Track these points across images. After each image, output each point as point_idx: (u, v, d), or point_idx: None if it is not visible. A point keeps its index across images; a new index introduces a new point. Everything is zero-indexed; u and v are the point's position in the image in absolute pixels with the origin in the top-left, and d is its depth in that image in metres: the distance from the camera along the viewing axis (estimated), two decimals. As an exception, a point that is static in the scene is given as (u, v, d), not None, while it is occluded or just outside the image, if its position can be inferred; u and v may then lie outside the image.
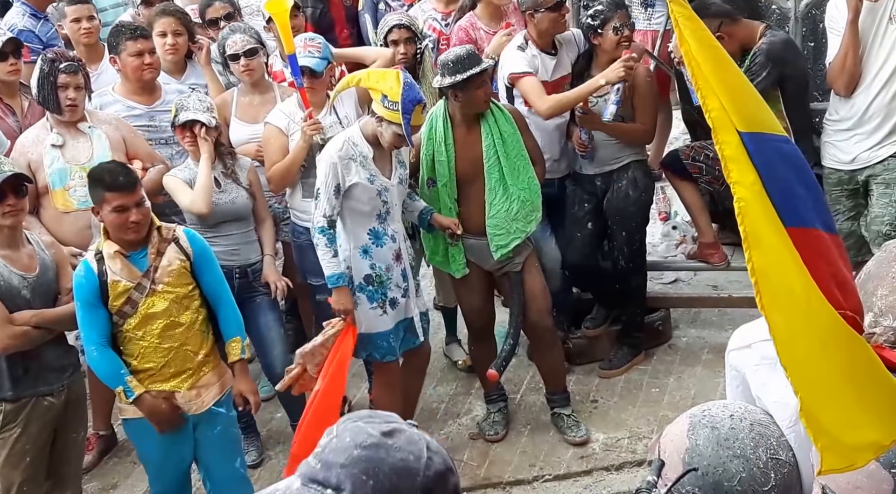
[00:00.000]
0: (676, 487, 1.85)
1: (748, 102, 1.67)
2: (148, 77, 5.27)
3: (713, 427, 1.88)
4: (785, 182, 1.64)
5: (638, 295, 5.73)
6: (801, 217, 1.64)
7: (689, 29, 1.68)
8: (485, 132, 4.95)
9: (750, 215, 1.64)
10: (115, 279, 4.05)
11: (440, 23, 6.04)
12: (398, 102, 4.45)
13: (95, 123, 4.97)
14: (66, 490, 4.45)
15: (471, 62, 4.78)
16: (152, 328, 4.12)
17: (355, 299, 4.71)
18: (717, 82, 1.65)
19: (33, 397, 4.19)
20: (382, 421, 1.72)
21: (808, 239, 1.64)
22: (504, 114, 4.99)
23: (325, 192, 4.58)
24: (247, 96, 5.39)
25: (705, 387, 5.43)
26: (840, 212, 5.27)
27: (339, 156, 4.58)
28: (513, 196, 4.95)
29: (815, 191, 1.70)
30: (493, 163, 4.95)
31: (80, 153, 4.90)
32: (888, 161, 5.08)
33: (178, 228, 4.29)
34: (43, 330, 4.17)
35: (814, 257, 1.64)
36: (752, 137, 1.64)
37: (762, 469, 1.85)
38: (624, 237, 5.54)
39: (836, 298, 1.64)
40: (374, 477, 1.66)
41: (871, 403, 1.67)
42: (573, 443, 5.20)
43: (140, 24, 5.72)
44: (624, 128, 5.35)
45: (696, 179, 5.60)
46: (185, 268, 4.18)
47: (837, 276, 1.66)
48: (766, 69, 5.08)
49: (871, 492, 1.76)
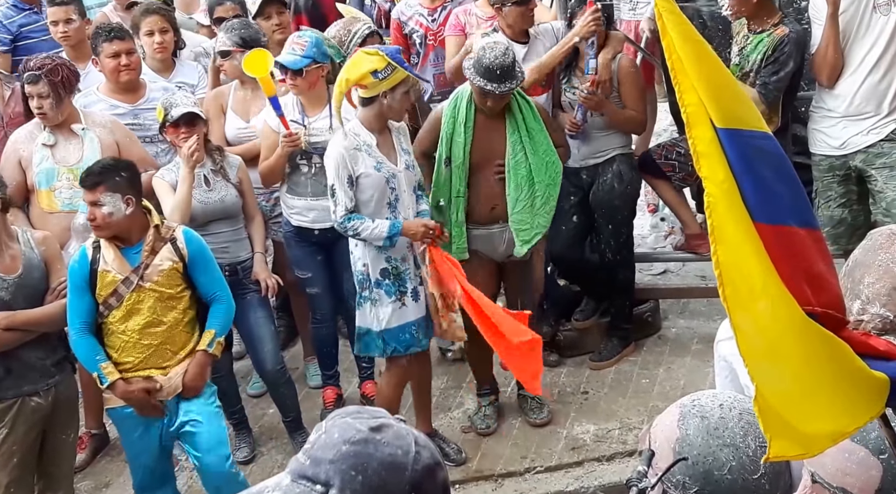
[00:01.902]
0: (667, 476, 1.85)
1: (729, 98, 1.68)
2: (125, 78, 5.23)
3: (703, 416, 1.89)
4: (758, 179, 1.65)
5: (626, 287, 5.74)
6: (772, 214, 1.65)
7: (672, 23, 1.68)
8: (510, 127, 4.92)
9: (718, 210, 1.65)
10: (106, 269, 4.14)
11: (426, 18, 6.03)
12: (389, 62, 4.44)
13: (90, 125, 4.94)
14: (58, 490, 4.43)
15: (509, 76, 4.72)
16: (134, 323, 4.18)
17: (373, 295, 4.68)
18: (697, 77, 1.66)
19: (18, 397, 4.17)
20: (370, 417, 1.73)
21: (778, 236, 1.65)
22: (532, 109, 4.95)
23: (341, 186, 4.54)
24: (241, 91, 5.42)
25: (695, 377, 5.45)
26: (832, 198, 5.30)
27: (345, 146, 4.56)
28: (538, 192, 4.94)
29: (794, 187, 1.70)
30: (521, 159, 4.92)
31: (69, 154, 4.88)
32: (881, 145, 5.10)
33: (179, 229, 4.31)
34: (17, 333, 4.14)
35: (783, 254, 1.65)
36: (728, 133, 1.65)
37: (752, 458, 1.85)
38: (610, 230, 5.55)
39: (805, 295, 1.64)
40: (362, 473, 1.66)
41: (833, 396, 1.68)
42: (533, 425, 5.26)
43: (120, 16, 5.70)
44: (622, 113, 5.37)
45: (669, 177, 5.64)
46: (177, 270, 4.22)
47: (811, 272, 1.66)
48: (793, 59, 5.07)
49: (860, 479, 1.77)
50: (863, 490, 1.77)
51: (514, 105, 4.92)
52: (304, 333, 5.80)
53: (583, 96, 5.24)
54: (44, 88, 4.78)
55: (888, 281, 2.05)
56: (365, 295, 4.71)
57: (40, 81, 4.78)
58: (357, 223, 4.54)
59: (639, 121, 5.50)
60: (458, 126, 4.93)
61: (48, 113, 4.82)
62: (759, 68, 5.11)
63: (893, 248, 2.09)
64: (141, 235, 4.21)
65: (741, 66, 5.16)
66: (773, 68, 5.07)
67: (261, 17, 5.71)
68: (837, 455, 1.79)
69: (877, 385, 1.67)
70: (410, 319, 4.73)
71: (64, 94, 4.83)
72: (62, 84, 4.81)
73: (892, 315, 2.05)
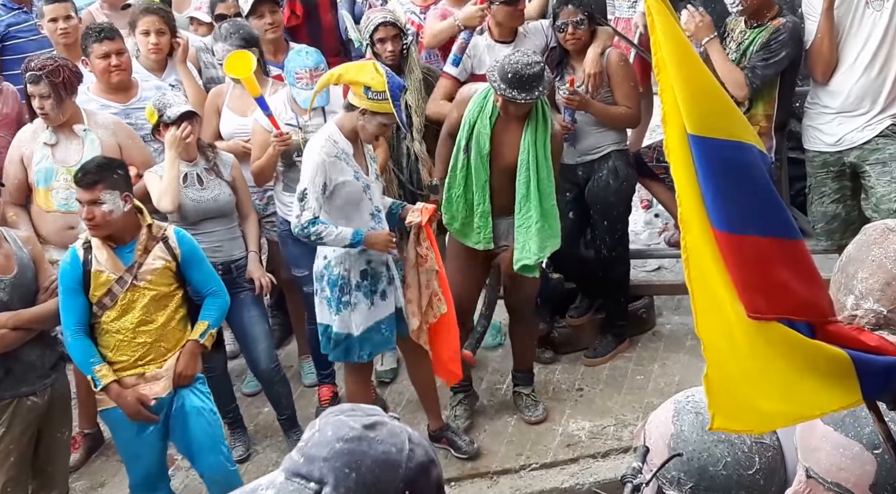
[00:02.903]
0: (661, 473, 1.85)
1: (704, 105, 1.69)
2: (116, 79, 5.22)
3: (697, 412, 1.89)
4: (717, 188, 1.67)
5: (621, 283, 5.74)
6: (732, 223, 1.67)
7: (660, 22, 1.69)
8: (530, 128, 4.84)
9: (684, 204, 1.69)
10: (99, 269, 4.14)
11: (419, 16, 6.02)
12: (385, 92, 4.37)
13: (92, 126, 4.92)
14: (53, 489, 4.43)
15: (534, 85, 4.64)
16: (127, 322, 4.19)
17: (352, 299, 4.66)
18: (675, 79, 1.67)
19: (15, 397, 4.17)
20: (364, 414, 1.73)
21: (735, 244, 1.67)
22: (547, 132, 4.85)
23: (314, 192, 4.46)
24: (238, 88, 5.40)
25: (689, 373, 5.45)
26: (826, 194, 5.31)
27: (328, 153, 4.51)
28: (534, 211, 4.87)
29: (764, 197, 1.71)
30: (525, 177, 4.86)
31: (69, 155, 4.86)
32: (876, 141, 5.10)
33: (170, 228, 4.33)
34: (21, 332, 4.15)
35: (738, 262, 1.68)
36: (696, 140, 1.67)
37: (747, 453, 1.86)
38: (606, 226, 5.55)
39: (755, 304, 1.67)
40: (356, 470, 1.66)
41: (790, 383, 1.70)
42: (528, 422, 5.26)
43: (106, 14, 5.66)
44: (610, 111, 5.35)
45: (662, 179, 5.64)
46: (170, 269, 4.25)
47: (772, 282, 1.68)
48: (787, 49, 5.05)
49: (854, 473, 1.77)
50: (857, 485, 1.77)
51: (534, 117, 4.83)
52: (298, 331, 5.79)
53: (565, 97, 5.24)
54: (45, 89, 4.76)
55: (882, 277, 2.05)
56: (344, 300, 4.67)
57: (41, 82, 4.77)
58: (321, 227, 4.46)
59: (630, 116, 5.47)
60: (483, 116, 4.87)
61: (49, 113, 4.81)
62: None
63: (887, 243, 2.09)
64: (133, 234, 4.22)
65: (739, 62, 5.16)
66: (764, 55, 5.06)
67: (254, 16, 5.66)
68: (832, 451, 1.80)
69: (848, 375, 1.68)
70: (380, 317, 4.73)
71: (65, 95, 4.80)
72: (63, 85, 4.79)
73: (886, 310, 2.04)
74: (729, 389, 1.71)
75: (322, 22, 6.25)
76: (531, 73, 4.64)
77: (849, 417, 1.79)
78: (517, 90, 4.66)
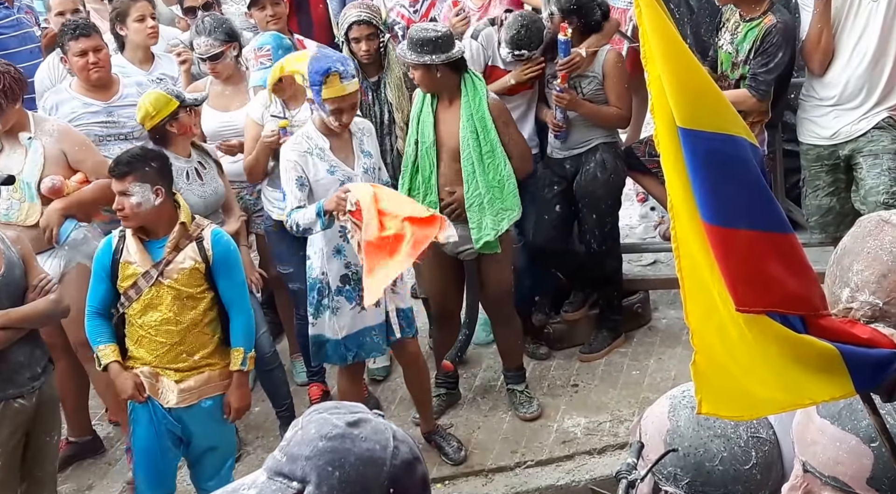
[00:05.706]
0: (658, 468, 1.85)
1: (692, 97, 1.69)
2: (94, 76, 5.14)
3: (693, 407, 1.87)
4: (704, 180, 1.67)
5: (613, 277, 5.72)
6: (720, 216, 1.67)
7: (649, 17, 1.68)
8: (463, 117, 4.88)
9: (673, 195, 1.70)
10: (128, 260, 4.13)
11: (408, 9, 6.00)
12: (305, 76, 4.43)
13: (38, 134, 4.78)
14: (42, 492, 4.39)
15: (425, 48, 4.71)
16: (151, 318, 4.15)
17: (335, 304, 4.64)
18: (666, 73, 1.67)
19: (3, 400, 4.12)
20: (348, 412, 1.71)
21: (723, 237, 1.67)
22: (482, 104, 4.87)
23: (289, 188, 4.54)
24: (219, 86, 5.37)
25: (685, 368, 5.32)
26: (820, 187, 5.30)
27: (295, 151, 4.55)
28: (482, 186, 4.88)
29: (754, 190, 1.71)
30: (468, 154, 4.88)
31: (12, 164, 4.71)
32: (871, 133, 5.08)
33: (208, 229, 4.24)
34: (10, 331, 4.10)
35: (727, 255, 1.67)
36: (684, 133, 1.67)
37: (743, 448, 1.86)
38: (595, 220, 5.53)
39: (743, 297, 1.67)
40: (340, 468, 1.64)
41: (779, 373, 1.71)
42: (523, 419, 5.24)
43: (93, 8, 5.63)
44: (601, 111, 5.34)
45: (655, 173, 5.61)
46: (199, 271, 4.17)
47: (761, 275, 1.68)
48: (783, 50, 5.04)
49: (852, 467, 1.76)
50: (854, 479, 1.76)
51: (465, 94, 4.87)
52: (289, 329, 5.77)
53: (556, 94, 5.22)
54: None
55: (877, 269, 2.04)
56: (325, 303, 4.65)
57: None
58: (296, 214, 4.49)
59: (620, 118, 5.47)
60: (425, 106, 4.93)
61: None
62: (747, 58, 5.09)
63: (882, 235, 2.08)
64: (168, 229, 4.16)
65: (732, 55, 5.13)
66: (762, 60, 5.04)
67: (255, 8, 5.61)
68: (829, 444, 1.79)
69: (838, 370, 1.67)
70: (369, 324, 4.69)
71: (6, 103, 4.63)
72: (4, 93, 4.62)
73: (882, 302, 2.04)
74: (717, 375, 1.72)
75: (312, 16, 6.22)
76: (424, 37, 4.75)
77: (845, 410, 1.78)
78: (409, 51, 4.74)
